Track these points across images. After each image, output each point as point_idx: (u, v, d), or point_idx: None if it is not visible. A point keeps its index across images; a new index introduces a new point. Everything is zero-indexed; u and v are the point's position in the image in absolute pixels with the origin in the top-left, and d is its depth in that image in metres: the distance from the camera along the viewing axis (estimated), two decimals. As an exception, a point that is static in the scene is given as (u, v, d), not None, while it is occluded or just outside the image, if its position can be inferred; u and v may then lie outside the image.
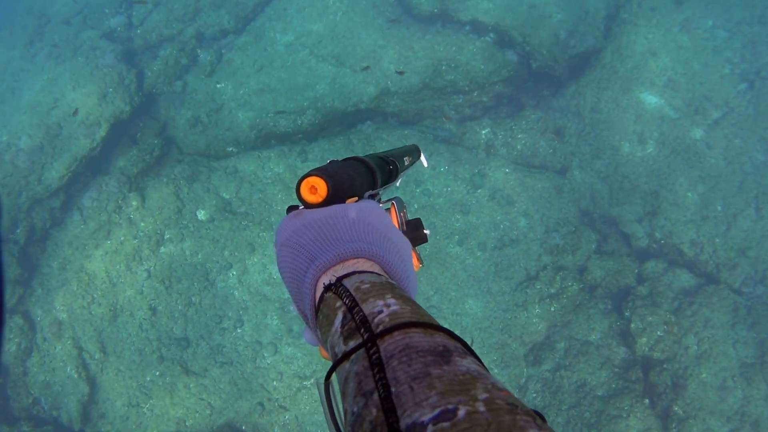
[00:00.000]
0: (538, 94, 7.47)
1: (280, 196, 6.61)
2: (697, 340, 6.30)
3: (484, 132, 7.06)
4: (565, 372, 6.15)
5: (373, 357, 0.59)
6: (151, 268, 6.85)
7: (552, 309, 6.23)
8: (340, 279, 0.76)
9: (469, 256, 6.35)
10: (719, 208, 6.72)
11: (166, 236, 6.85)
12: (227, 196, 6.77)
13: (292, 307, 1.21)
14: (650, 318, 6.23)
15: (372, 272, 0.79)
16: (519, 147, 6.99)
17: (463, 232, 6.41)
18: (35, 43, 9.33)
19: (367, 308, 0.67)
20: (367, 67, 6.83)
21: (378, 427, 0.51)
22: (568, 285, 6.28)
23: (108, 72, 7.96)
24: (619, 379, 6.11)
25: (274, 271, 6.49)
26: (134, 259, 6.92)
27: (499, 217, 6.47)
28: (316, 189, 0.88)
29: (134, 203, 7.04)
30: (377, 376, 0.56)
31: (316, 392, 6.28)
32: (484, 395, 0.50)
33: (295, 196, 6.75)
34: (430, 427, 0.47)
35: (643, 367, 6.25)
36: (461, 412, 0.48)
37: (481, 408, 0.48)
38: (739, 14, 7.43)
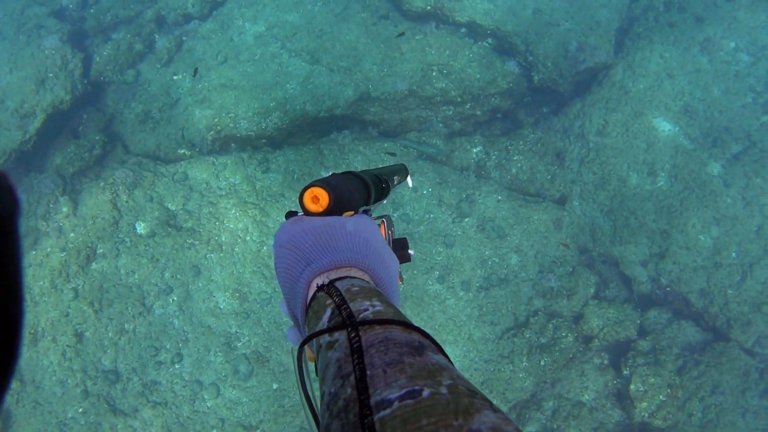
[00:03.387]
0: (537, 111, 6.61)
1: (233, 211, 5.65)
2: (702, 406, 5.50)
3: (475, 150, 6.18)
4: (552, 437, 5.30)
5: (354, 345, 0.63)
6: (80, 286, 5.85)
7: (542, 363, 5.37)
8: (332, 281, 0.81)
9: (450, 296, 5.47)
10: (734, 254, 5.94)
11: (99, 251, 5.85)
12: (173, 208, 5.80)
13: (282, 307, 0.97)
14: (653, 379, 5.42)
15: (362, 279, 0.85)
16: (514, 170, 6.12)
17: (445, 267, 5.52)
18: (-23, 16, 8.23)
19: (354, 306, 0.72)
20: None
21: (351, 404, 0.55)
22: (562, 335, 5.44)
23: (50, 54, 6.92)
24: (613, 448, 5.28)
25: (221, 299, 5.54)
26: (60, 275, 5.92)
27: (487, 252, 5.59)
28: (318, 199, 0.93)
29: (65, 209, 6.02)
30: (356, 360, 0.60)
31: (262, 447, 5.35)
32: (448, 381, 0.55)
33: (250, 211, 5.83)
34: (396, 403, 0.52)
35: (640, 435, 5.44)
36: (425, 393, 0.52)
37: (444, 391, 0.53)
38: (765, 38, 6.66)
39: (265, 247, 5.53)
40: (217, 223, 5.65)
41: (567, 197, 6.14)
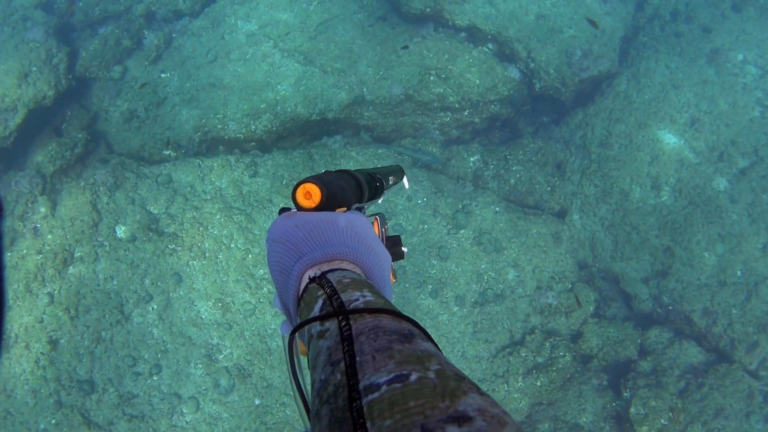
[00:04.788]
0: (536, 120, 6.39)
1: (218, 217, 5.39)
2: (705, 430, 5.27)
3: (472, 159, 5.95)
4: (547, 462, 5.06)
5: (345, 333, 0.64)
6: (56, 291, 5.58)
7: (538, 383, 5.13)
8: (324, 273, 0.81)
9: (444, 312, 5.22)
10: (739, 273, 5.72)
11: (77, 254, 5.58)
12: (155, 211, 5.54)
13: (275, 303, 0.95)
14: (654, 402, 5.18)
15: (354, 272, 0.85)
16: (512, 181, 5.89)
17: (439, 281, 5.27)
18: (-37, 7, 7.95)
19: (345, 297, 0.72)
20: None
21: (340, 389, 0.56)
22: (559, 355, 5.20)
23: (34, 47, 6.65)
24: (611, 474, 5.04)
25: (203, 309, 5.28)
26: (36, 279, 5.64)
27: (483, 266, 5.35)
28: (311, 195, 0.93)
29: (42, 210, 5.76)
30: (346, 348, 0.61)
31: (242, 466, 5.08)
32: (436, 367, 0.56)
33: (236, 217, 5.56)
34: (384, 387, 0.53)
35: (639, 460, 5.20)
36: (413, 377, 0.53)
37: (432, 375, 0.54)
38: (774, 49, 6.47)
39: (250, 255, 5.28)
40: (200, 229, 5.39)
41: (567, 210, 5.91)
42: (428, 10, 6.22)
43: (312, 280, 0.81)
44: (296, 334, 0.79)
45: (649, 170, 5.92)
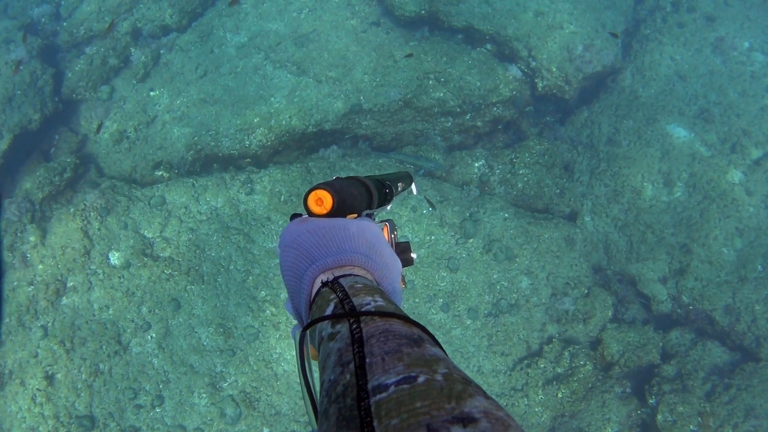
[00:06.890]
0: (540, 121, 6.18)
1: (215, 238, 5.16)
2: (735, 435, 5.03)
3: (477, 165, 5.73)
4: (573, 478, 4.82)
5: (355, 335, 0.65)
6: (49, 324, 5.34)
7: (559, 395, 4.89)
8: (337, 278, 0.83)
9: (457, 325, 4.98)
10: (760, 267, 5.50)
11: (69, 284, 5.34)
12: (149, 235, 5.30)
13: (287, 307, 0.97)
14: (681, 408, 4.95)
15: (365, 278, 0.86)
16: (520, 185, 5.67)
17: (450, 294, 5.04)
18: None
19: (357, 301, 0.73)
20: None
21: (349, 389, 0.57)
22: (580, 364, 4.96)
23: (18, 71, 6.44)
24: (641, 488, 4.80)
25: (204, 335, 5.04)
26: (28, 312, 5.41)
27: (495, 276, 5.11)
28: (323, 201, 0.94)
29: (32, 239, 5.52)
30: (356, 349, 0.62)
31: (253, 499, 4.83)
32: (444, 370, 0.56)
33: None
34: (392, 388, 0.54)
35: (669, 471, 4.96)
36: (421, 379, 0.54)
37: (439, 378, 0.55)
38: (780, 35, 6.28)
39: (250, 277, 5.04)
40: (197, 251, 5.16)
41: (578, 212, 5.69)
42: (423, 12, 6.02)
43: (324, 284, 0.82)
44: (307, 337, 0.79)
45: (660, 166, 5.71)
